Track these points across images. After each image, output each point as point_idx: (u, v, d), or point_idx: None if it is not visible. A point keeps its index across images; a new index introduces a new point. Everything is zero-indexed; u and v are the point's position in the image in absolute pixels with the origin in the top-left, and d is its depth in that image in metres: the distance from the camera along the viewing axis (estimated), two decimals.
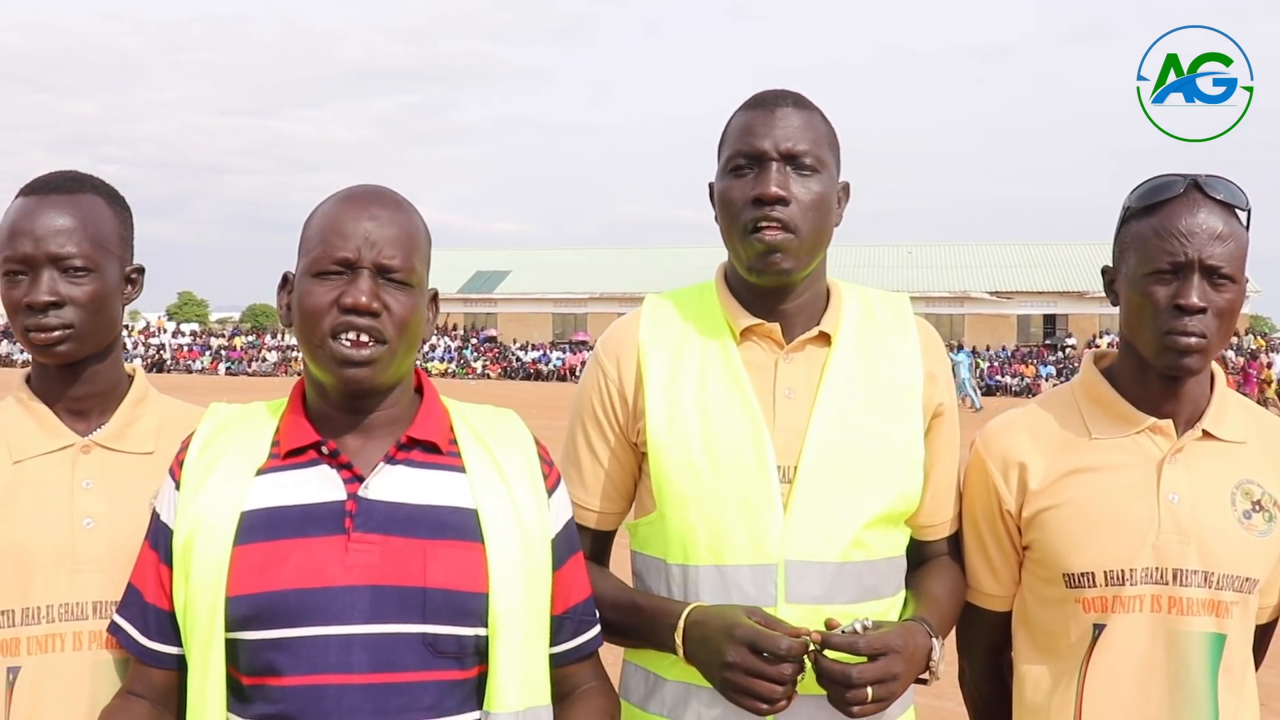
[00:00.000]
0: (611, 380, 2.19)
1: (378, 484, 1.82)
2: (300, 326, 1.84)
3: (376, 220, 1.82)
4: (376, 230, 1.81)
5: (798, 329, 2.14)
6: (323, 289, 1.80)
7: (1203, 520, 2.08)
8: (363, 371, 1.79)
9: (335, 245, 1.80)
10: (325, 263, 1.80)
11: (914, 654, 1.96)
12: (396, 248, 1.81)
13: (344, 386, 1.82)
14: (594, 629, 1.98)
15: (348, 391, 1.83)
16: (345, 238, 1.80)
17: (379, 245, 1.80)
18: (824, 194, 2.09)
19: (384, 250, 1.80)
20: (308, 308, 1.81)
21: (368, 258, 1.79)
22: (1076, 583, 2.11)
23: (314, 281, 1.81)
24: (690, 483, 2.07)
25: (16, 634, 1.98)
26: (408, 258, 1.83)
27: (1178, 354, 2.05)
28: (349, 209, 1.83)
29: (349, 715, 1.72)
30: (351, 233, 1.80)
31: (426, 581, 1.76)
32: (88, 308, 2.06)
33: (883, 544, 2.10)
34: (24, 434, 2.09)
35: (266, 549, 1.77)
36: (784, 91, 2.15)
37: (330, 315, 1.79)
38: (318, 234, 1.83)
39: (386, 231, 1.82)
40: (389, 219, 1.83)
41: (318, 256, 1.81)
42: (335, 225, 1.82)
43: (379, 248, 1.80)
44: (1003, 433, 2.26)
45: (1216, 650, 2.06)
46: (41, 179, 2.13)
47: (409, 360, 1.87)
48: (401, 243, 1.82)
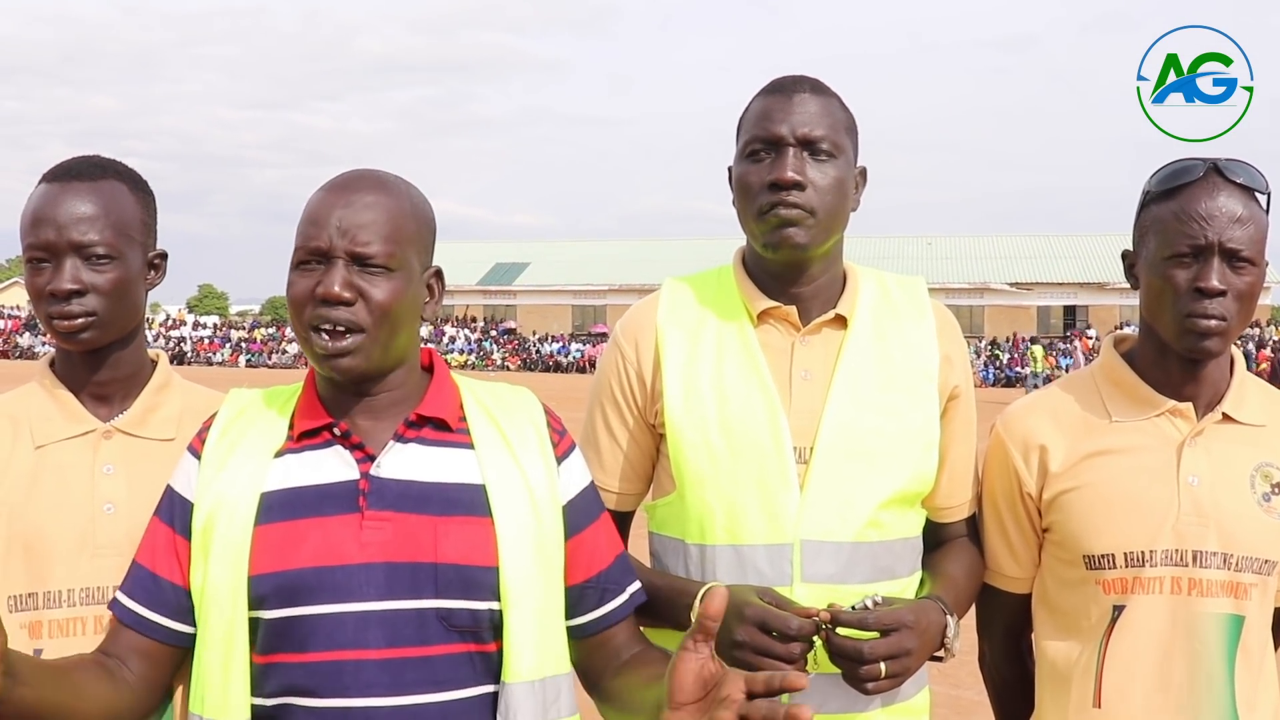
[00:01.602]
0: (630, 362, 2.20)
1: (389, 462, 1.83)
2: (290, 318, 1.86)
3: (351, 207, 1.81)
4: (350, 217, 1.80)
5: (814, 312, 2.15)
6: (303, 280, 1.81)
7: (1222, 503, 2.08)
8: (345, 361, 1.80)
9: (310, 235, 1.80)
10: (303, 253, 1.81)
11: (927, 630, 1.96)
12: (372, 233, 1.80)
13: (331, 376, 1.84)
14: (620, 597, 1.96)
15: (339, 380, 1.85)
16: (319, 227, 1.80)
17: (351, 232, 1.79)
18: (840, 179, 2.09)
19: (357, 237, 1.79)
20: (290, 299, 1.83)
21: (340, 246, 1.79)
22: (1097, 564, 2.11)
23: (296, 273, 1.83)
24: (707, 463, 2.08)
25: (38, 617, 2.00)
26: (386, 242, 1.81)
27: (1198, 337, 2.05)
28: (327, 197, 1.83)
29: (366, 690, 1.73)
30: (325, 221, 1.80)
31: (438, 557, 1.77)
32: (111, 295, 2.07)
33: (898, 524, 2.11)
34: (47, 419, 2.10)
35: (285, 528, 1.79)
36: (801, 77, 2.15)
37: (309, 307, 1.80)
38: (299, 224, 1.84)
39: (362, 218, 1.80)
40: (365, 204, 1.81)
41: (297, 247, 1.83)
42: (312, 215, 1.82)
43: (351, 235, 1.79)
44: (1023, 415, 2.26)
45: (1235, 632, 2.06)
46: (64, 165, 2.13)
47: (400, 342, 1.86)
48: (379, 227, 1.81)
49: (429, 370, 1.97)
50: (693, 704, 1.52)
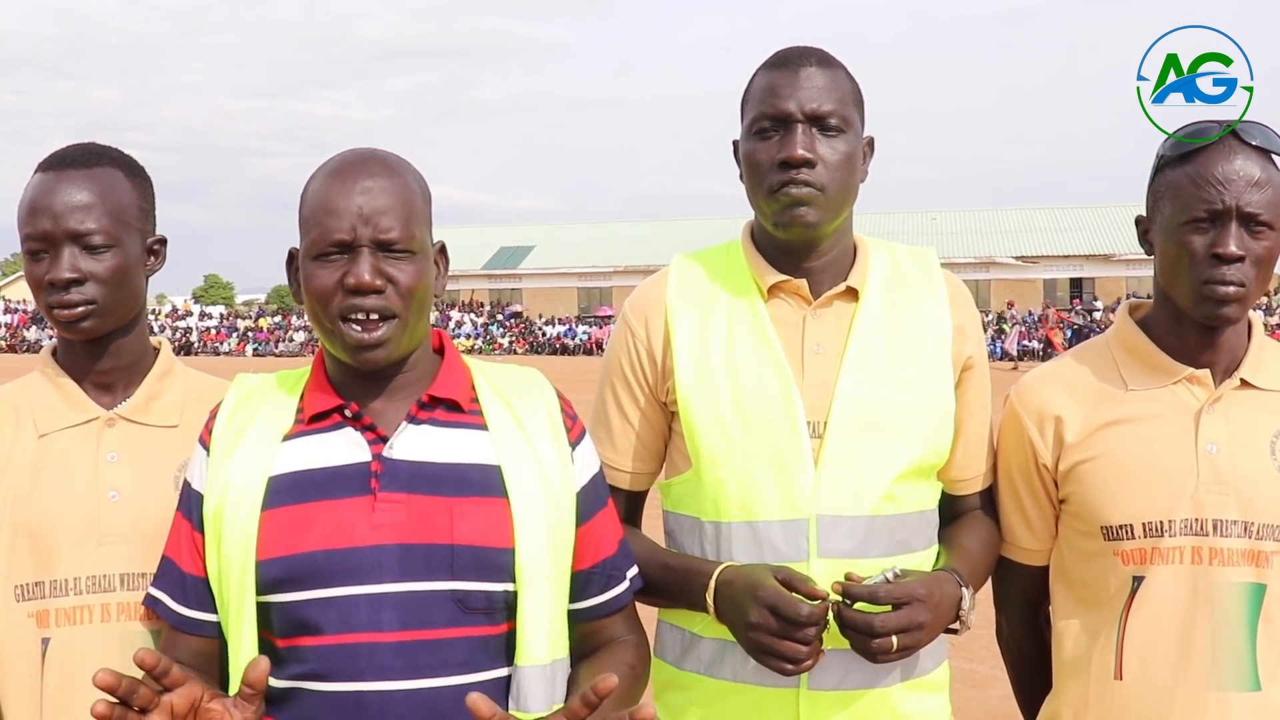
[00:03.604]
0: (640, 340, 2.18)
1: (402, 444, 1.82)
2: (310, 310, 1.83)
3: (368, 193, 1.78)
4: (369, 203, 1.78)
5: (825, 285, 2.13)
6: (325, 271, 1.79)
7: (1241, 470, 2.05)
8: (377, 354, 1.79)
9: (330, 227, 1.78)
10: (323, 245, 1.79)
11: (941, 602, 1.95)
12: (393, 218, 1.78)
13: (360, 367, 1.82)
14: (623, 584, 1.97)
15: (365, 370, 1.83)
16: (339, 217, 1.77)
17: (374, 220, 1.77)
18: (850, 153, 2.07)
19: (380, 224, 1.77)
20: (314, 291, 1.80)
21: (364, 235, 1.77)
22: (1114, 535, 2.09)
23: (316, 264, 1.80)
24: (721, 440, 2.06)
25: (45, 606, 1.99)
26: (405, 226, 1.80)
27: (1216, 303, 2.02)
28: (339, 184, 1.80)
29: (381, 673, 1.72)
30: (345, 210, 1.77)
31: (453, 539, 1.76)
32: (110, 283, 2.05)
33: (913, 497, 2.09)
34: (50, 408, 2.09)
35: (294, 512, 1.78)
36: (807, 49, 2.12)
37: (337, 297, 1.78)
38: (312, 214, 1.81)
39: (380, 202, 1.78)
40: (380, 189, 1.80)
41: (315, 239, 1.80)
42: (328, 204, 1.79)
43: (374, 222, 1.77)
44: (1038, 386, 2.24)
45: (1256, 600, 2.03)
46: (59, 153, 2.12)
47: (422, 325, 1.86)
48: (397, 212, 1.79)
49: (439, 352, 1.95)
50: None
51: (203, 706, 1.60)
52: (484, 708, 1.53)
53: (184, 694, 1.57)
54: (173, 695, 1.56)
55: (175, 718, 1.57)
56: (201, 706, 1.59)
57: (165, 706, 1.55)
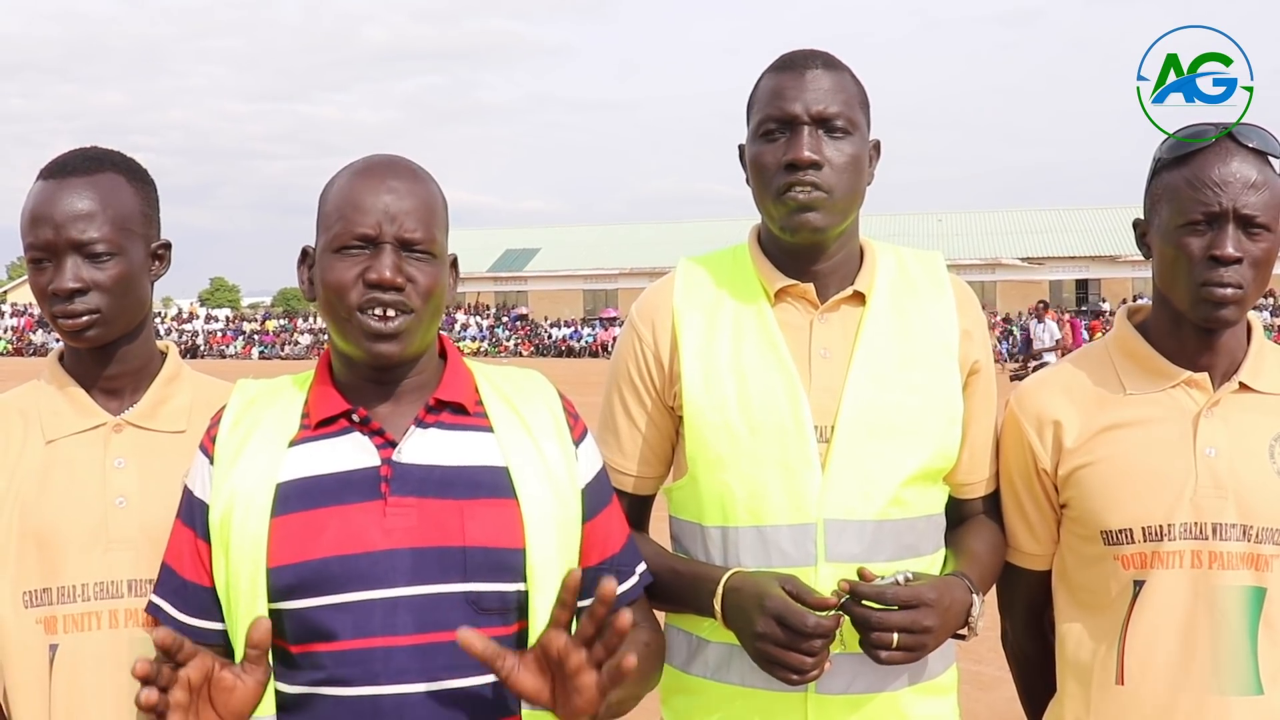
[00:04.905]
0: (647, 344, 2.18)
1: (410, 448, 1.82)
2: (325, 302, 1.84)
3: (395, 193, 1.81)
4: (396, 203, 1.80)
5: (832, 289, 2.13)
6: (345, 265, 1.80)
7: (1241, 473, 2.05)
8: (392, 346, 1.80)
9: (355, 221, 1.80)
10: (346, 238, 1.80)
11: (950, 608, 1.95)
12: (417, 220, 1.81)
13: (373, 361, 1.82)
14: (632, 578, 1.97)
15: (376, 365, 1.84)
16: (365, 213, 1.80)
17: (399, 219, 1.80)
18: (856, 155, 2.07)
19: (405, 224, 1.80)
20: (332, 283, 1.81)
21: (389, 232, 1.79)
22: (1115, 540, 2.09)
23: (336, 258, 1.81)
24: (728, 444, 2.07)
25: (53, 612, 1.99)
26: (429, 229, 1.82)
27: (1214, 306, 2.02)
28: (367, 182, 1.82)
29: (398, 676, 1.73)
30: (371, 207, 1.80)
31: (465, 540, 1.77)
32: (114, 291, 2.05)
33: (921, 502, 2.09)
34: (57, 414, 2.09)
35: (304, 518, 1.78)
36: (813, 51, 2.12)
37: (356, 291, 1.79)
38: (336, 209, 1.83)
39: (406, 204, 1.81)
40: (407, 190, 1.82)
41: (338, 233, 1.81)
42: (354, 200, 1.81)
43: (400, 221, 1.80)
44: (1037, 390, 2.24)
45: (1256, 604, 2.03)
46: (59, 160, 2.10)
47: (434, 328, 1.88)
48: (421, 214, 1.82)
49: (442, 356, 1.96)
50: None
51: (215, 675, 1.65)
52: (477, 644, 1.60)
53: (197, 665, 1.62)
54: (188, 669, 1.61)
55: (192, 689, 1.61)
56: (214, 676, 1.65)
57: (183, 681, 1.60)
